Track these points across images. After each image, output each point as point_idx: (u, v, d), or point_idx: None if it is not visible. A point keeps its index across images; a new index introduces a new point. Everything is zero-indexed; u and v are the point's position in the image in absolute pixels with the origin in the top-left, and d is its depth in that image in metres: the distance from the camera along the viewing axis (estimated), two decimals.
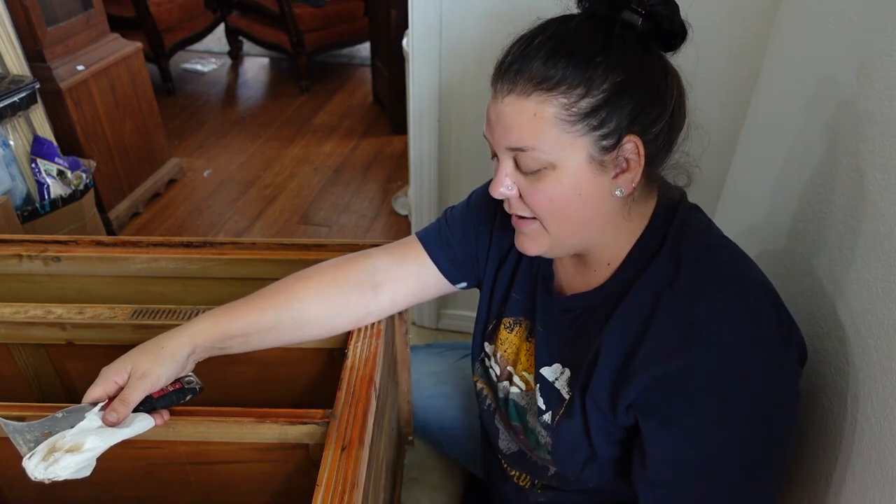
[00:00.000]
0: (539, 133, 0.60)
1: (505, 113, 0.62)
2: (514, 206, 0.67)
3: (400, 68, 2.56)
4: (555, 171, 0.62)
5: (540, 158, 0.62)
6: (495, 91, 0.63)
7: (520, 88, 0.61)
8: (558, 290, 0.78)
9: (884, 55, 0.72)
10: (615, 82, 0.59)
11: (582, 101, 0.59)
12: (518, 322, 0.83)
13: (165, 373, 0.70)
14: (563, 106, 0.60)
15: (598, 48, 0.60)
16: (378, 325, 0.87)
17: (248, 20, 3.58)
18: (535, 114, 0.60)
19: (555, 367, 0.75)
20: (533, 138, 0.61)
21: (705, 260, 0.65)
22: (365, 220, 2.48)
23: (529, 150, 0.61)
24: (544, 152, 0.61)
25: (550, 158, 0.61)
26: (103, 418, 0.65)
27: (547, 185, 0.63)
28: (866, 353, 0.67)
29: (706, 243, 0.68)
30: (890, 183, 0.66)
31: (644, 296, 0.66)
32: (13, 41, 1.78)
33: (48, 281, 1.02)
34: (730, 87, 1.26)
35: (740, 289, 0.64)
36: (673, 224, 0.68)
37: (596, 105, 0.60)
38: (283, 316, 0.79)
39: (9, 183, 1.79)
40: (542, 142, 0.61)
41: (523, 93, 0.60)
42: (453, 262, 0.84)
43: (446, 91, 1.43)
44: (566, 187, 0.62)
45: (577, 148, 0.61)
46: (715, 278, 0.64)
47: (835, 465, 0.72)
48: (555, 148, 0.61)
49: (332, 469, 0.67)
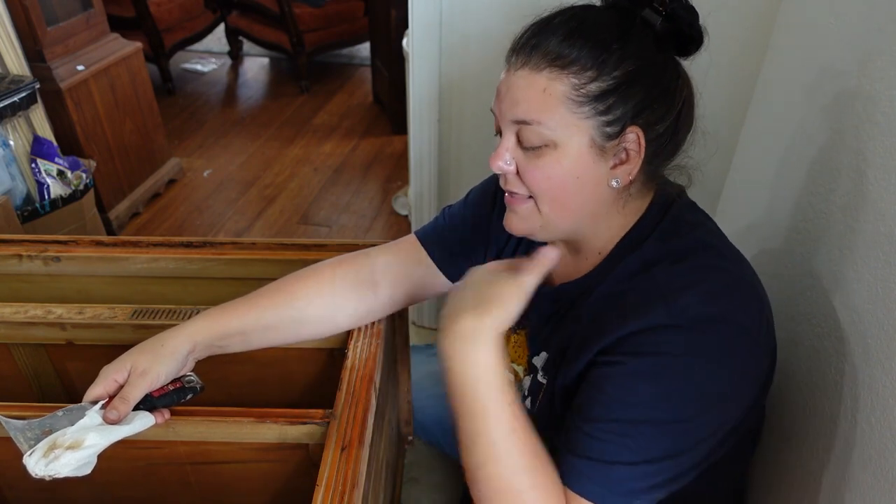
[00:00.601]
0: (546, 108, 0.61)
1: (516, 85, 0.63)
2: (511, 182, 0.67)
3: (400, 68, 2.56)
4: (555, 151, 0.62)
5: (543, 134, 0.62)
6: (509, 65, 0.64)
7: (533, 63, 0.62)
8: (548, 281, 0.79)
9: (884, 55, 0.72)
10: (627, 71, 0.61)
11: (592, 83, 0.61)
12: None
13: (165, 370, 0.70)
14: (573, 86, 0.61)
15: (614, 36, 0.61)
16: (378, 325, 0.87)
17: (248, 20, 3.58)
18: (544, 89, 0.61)
19: (542, 355, 0.76)
20: (540, 113, 0.61)
21: (692, 252, 0.65)
22: (365, 220, 2.48)
23: (534, 125, 0.62)
24: (549, 129, 0.61)
25: (554, 136, 0.62)
26: (104, 416, 0.66)
27: (546, 163, 0.63)
28: (866, 353, 0.67)
29: (699, 238, 0.68)
30: (890, 183, 0.66)
31: (622, 279, 0.67)
32: (13, 41, 1.78)
33: (48, 281, 1.02)
34: (730, 87, 1.26)
35: (724, 278, 0.63)
36: (665, 219, 0.68)
37: (605, 90, 0.61)
38: (282, 314, 0.79)
39: (9, 183, 1.79)
40: (548, 117, 0.61)
41: (536, 68, 0.61)
42: (451, 261, 0.84)
43: (446, 91, 1.43)
44: (565, 168, 0.63)
45: (580, 130, 0.62)
46: (699, 268, 0.64)
47: (835, 465, 0.72)
48: (559, 126, 0.61)
49: (332, 469, 0.67)
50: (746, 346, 0.62)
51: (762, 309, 0.65)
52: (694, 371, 0.59)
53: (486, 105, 0.68)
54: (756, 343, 0.63)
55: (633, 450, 0.59)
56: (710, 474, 0.75)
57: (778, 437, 0.87)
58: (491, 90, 0.68)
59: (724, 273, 0.64)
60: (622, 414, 0.60)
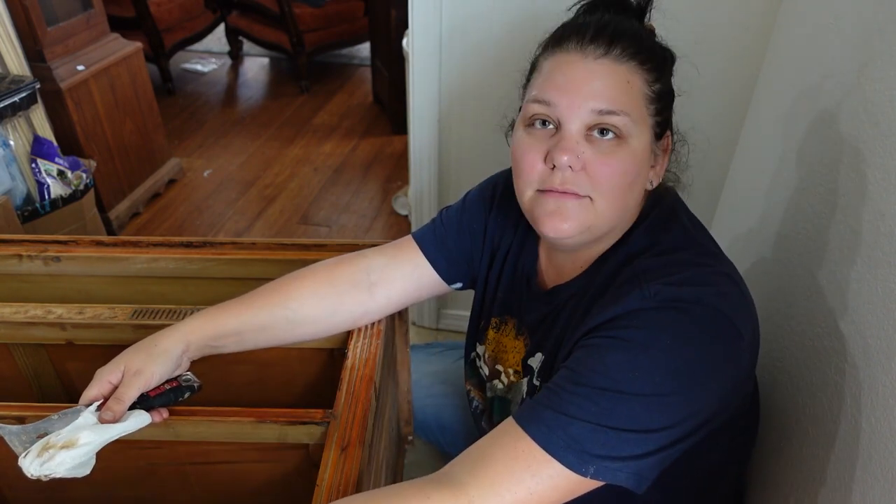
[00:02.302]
0: (631, 100, 0.62)
1: (600, 73, 0.61)
2: (571, 180, 0.62)
3: (400, 68, 2.55)
4: (628, 146, 0.62)
5: (625, 126, 0.61)
6: (581, 52, 0.62)
7: (615, 54, 0.62)
8: (541, 285, 0.79)
9: (884, 55, 0.72)
10: (670, 78, 0.65)
11: (656, 83, 0.63)
12: (504, 321, 0.83)
13: (159, 370, 0.70)
14: (647, 82, 0.63)
15: (659, 45, 0.66)
16: (378, 325, 0.87)
17: (248, 20, 3.58)
18: (628, 81, 0.62)
19: (537, 356, 0.76)
20: (627, 103, 0.61)
21: (676, 247, 0.66)
22: (365, 220, 2.48)
23: (621, 115, 0.61)
24: (631, 120, 0.62)
25: (632, 129, 0.62)
26: (99, 417, 0.66)
27: (622, 157, 0.62)
28: (866, 353, 0.67)
29: (684, 237, 0.68)
30: (890, 183, 0.66)
31: (608, 275, 0.68)
32: (13, 41, 1.78)
33: (48, 281, 1.02)
34: (730, 87, 1.26)
35: (704, 271, 0.63)
36: (652, 215, 0.69)
37: (661, 92, 0.64)
38: (277, 315, 0.79)
39: (9, 183, 1.79)
40: (632, 109, 0.62)
41: (619, 59, 0.62)
42: (449, 262, 0.84)
43: (446, 91, 1.43)
44: (637, 163, 0.63)
45: (647, 127, 0.63)
46: (680, 261, 0.64)
47: (835, 465, 0.72)
48: (638, 119, 0.62)
49: (332, 469, 0.67)
50: (722, 332, 0.59)
51: (746, 305, 0.63)
52: (661, 345, 0.57)
53: (487, 105, 0.68)
54: (738, 334, 0.60)
55: (595, 413, 0.56)
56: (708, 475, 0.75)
57: (778, 436, 0.87)
58: (491, 90, 0.68)
59: (705, 268, 0.64)
60: (589, 380, 0.58)
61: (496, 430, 0.60)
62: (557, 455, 0.56)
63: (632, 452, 0.56)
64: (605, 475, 0.56)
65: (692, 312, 0.58)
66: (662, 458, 0.58)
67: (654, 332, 0.58)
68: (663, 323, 0.58)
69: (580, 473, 0.55)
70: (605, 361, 0.58)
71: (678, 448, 0.58)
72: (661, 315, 0.58)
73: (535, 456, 0.56)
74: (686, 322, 0.58)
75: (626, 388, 0.56)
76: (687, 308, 0.58)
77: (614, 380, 0.57)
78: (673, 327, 0.58)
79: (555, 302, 0.75)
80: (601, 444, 0.56)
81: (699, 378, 0.58)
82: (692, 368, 0.58)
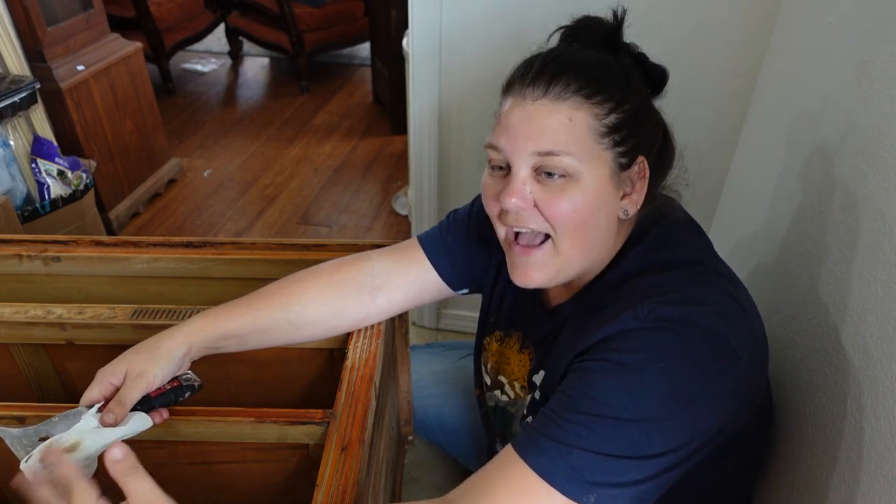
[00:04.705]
0: (574, 139, 0.61)
1: (538, 115, 0.61)
2: (526, 218, 0.64)
3: (400, 68, 2.56)
4: (578, 182, 0.62)
5: (570, 165, 0.61)
6: (521, 96, 0.63)
7: (555, 93, 0.61)
8: (545, 303, 0.79)
9: (884, 56, 0.72)
10: (636, 103, 0.63)
11: (611, 115, 0.61)
12: (509, 334, 0.83)
13: (161, 372, 0.70)
14: (596, 116, 0.61)
15: (624, 71, 0.64)
16: (378, 326, 0.87)
17: (248, 20, 3.58)
18: (570, 119, 0.61)
19: (541, 373, 0.76)
20: (568, 143, 0.61)
21: (673, 265, 0.66)
22: (365, 220, 2.48)
23: (562, 155, 0.61)
24: (576, 159, 0.61)
25: (580, 167, 0.61)
26: (100, 420, 0.65)
27: (572, 195, 0.62)
28: (867, 353, 0.67)
29: (683, 255, 0.67)
30: (890, 183, 0.66)
31: (604, 292, 0.68)
32: (13, 41, 1.78)
33: (48, 281, 1.02)
34: (730, 88, 1.26)
35: (703, 289, 0.62)
36: (650, 234, 0.69)
37: (621, 122, 0.62)
38: (279, 317, 0.79)
39: (9, 183, 1.79)
40: (576, 148, 0.61)
41: (559, 97, 0.61)
42: (455, 269, 0.84)
43: (446, 91, 1.43)
44: (590, 199, 0.62)
45: (602, 161, 0.62)
46: (677, 279, 0.63)
47: (835, 465, 0.72)
48: (586, 157, 0.61)
49: (332, 469, 0.67)
50: (716, 352, 0.58)
51: (746, 323, 0.62)
52: (654, 368, 0.57)
53: (487, 105, 0.67)
54: (734, 354, 0.59)
55: (594, 441, 0.56)
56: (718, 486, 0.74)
57: (778, 436, 0.87)
58: (491, 90, 0.68)
59: (705, 286, 0.63)
60: (586, 407, 0.58)
61: (497, 458, 0.61)
62: (559, 486, 0.56)
63: (632, 478, 0.57)
64: (606, 502, 0.57)
65: (685, 333, 0.58)
66: (663, 480, 0.58)
67: (647, 355, 0.58)
68: (656, 345, 0.58)
69: (582, 502, 0.56)
70: (601, 387, 0.58)
71: (680, 469, 0.59)
72: (653, 336, 0.58)
73: (537, 489, 0.57)
74: (679, 343, 0.58)
75: (623, 415, 0.57)
76: (680, 329, 0.58)
77: (611, 406, 0.57)
78: (666, 349, 0.58)
79: (556, 321, 0.74)
80: (601, 471, 0.56)
81: (695, 400, 0.58)
82: (688, 391, 0.58)
